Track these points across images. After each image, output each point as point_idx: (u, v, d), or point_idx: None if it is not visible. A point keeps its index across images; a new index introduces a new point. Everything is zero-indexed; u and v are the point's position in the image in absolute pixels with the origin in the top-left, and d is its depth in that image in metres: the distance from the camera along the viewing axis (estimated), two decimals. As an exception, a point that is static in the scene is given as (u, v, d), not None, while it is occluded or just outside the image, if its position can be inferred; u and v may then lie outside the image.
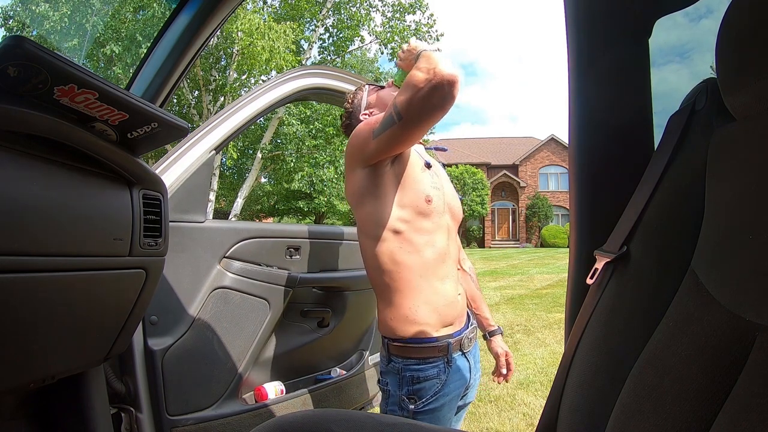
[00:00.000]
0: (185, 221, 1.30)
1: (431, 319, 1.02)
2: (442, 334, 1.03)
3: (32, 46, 0.64)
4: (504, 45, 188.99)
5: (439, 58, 0.91)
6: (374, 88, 1.25)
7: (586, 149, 0.72)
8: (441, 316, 1.03)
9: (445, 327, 1.03)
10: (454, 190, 1.19)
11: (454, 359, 1.03)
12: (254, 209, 16.21)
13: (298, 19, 11.81)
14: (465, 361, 1.08)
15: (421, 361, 1.02)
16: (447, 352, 1.02)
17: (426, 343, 1.01)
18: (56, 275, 0.78)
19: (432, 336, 1.02)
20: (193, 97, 11.13)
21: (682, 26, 0.75)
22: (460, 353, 1.06)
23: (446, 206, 1.11)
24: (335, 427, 0.61)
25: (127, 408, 1.19)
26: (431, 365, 1.01)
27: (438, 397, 1.01)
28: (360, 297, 1.72)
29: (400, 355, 1.03)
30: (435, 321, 1.02)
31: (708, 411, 0.39)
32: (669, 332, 0.47)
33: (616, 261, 0.57)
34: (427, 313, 1.01)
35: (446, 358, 1.02)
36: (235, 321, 1.38)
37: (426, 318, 1.01)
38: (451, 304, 1.05)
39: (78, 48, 9.14)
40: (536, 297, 6.47)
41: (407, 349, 1.02)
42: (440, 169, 1.19)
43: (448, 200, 1.12)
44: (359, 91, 1.25)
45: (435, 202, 1.05)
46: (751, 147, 0.46)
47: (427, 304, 1.01)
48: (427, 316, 1.01)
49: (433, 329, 1.02)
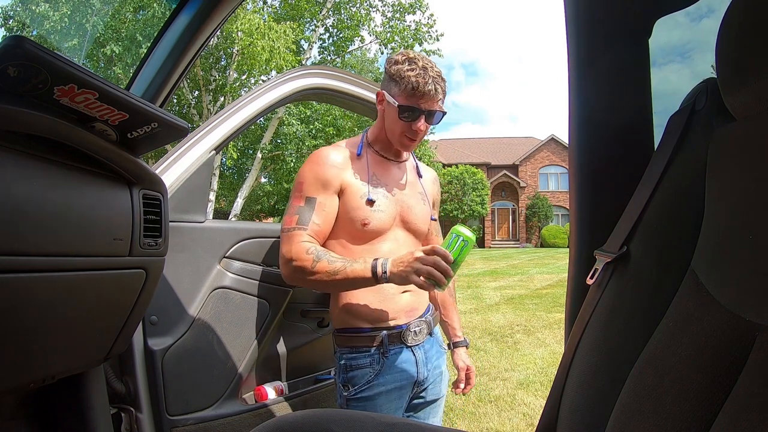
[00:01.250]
0: (185, 221, 1.30)
1: (364, 311, 1.08)
2: (376, 325, 1.08)
3: (32, 46, 0.64)
4: (504, 45, 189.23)
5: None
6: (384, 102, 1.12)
7: (586, 149, 0.72)
8: (374, 311, 1.08)
9: (381, 320, 1.08)
10: (425, 205, 1.19)
11: (390, 351, 1.07)
12: (254, 209, 16.21)
13: (298, 19, 11.81)
14: (410, 355, 1.10)
15: (353, 350, 1.08)
16: (381, 343, 1.07)
17: (358, 333, 1.08)
18: (56, 275, 0.78)
19: (363, 327, 1.08)
20: (193, 97, 11.13)
21: (684, 26, 0.75)
22: (401, 346, 1.09)
23: (396, 220, 1.12)
24: (335, 427, 0.61)
25: (127, 408, 1.19)
26: (363, 354, 1.07)
27: (371, 386, 1.06)
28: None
29: (337, 344, 1.12)
30: (368, 313, 1.08)
31: (708, 411, 0.39)
32: (669, 332, 0.47)
33: (616, 261, 0.57)
34: (360, 306, 1.08)
35: (381, 349, 1.07)
36: (235, 321, 1.38)
37: (359, 310, 1.08)
38: (388, 299, 1.09)
39: (78, 48, 9.14)
40: (536, 297, 6.47)
41: (341, 338, 1.11)
42: (414, 185, 1.19)
43: (404, 215, 1.13)
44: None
45: (374, 222, 1.07)
46: (751, 147, 0.46)
47: (361, 299, 1.08)
48: (360, 308, 1.08)
49: (365, 321, 1.08)
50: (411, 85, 1.02)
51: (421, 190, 1.20)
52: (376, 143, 1.16)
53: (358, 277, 0.97)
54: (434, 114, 1.07)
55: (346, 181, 1.08)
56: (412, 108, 1.04)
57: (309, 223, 1.03)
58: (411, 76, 1.02)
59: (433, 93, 1.03)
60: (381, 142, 1.16)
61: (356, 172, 1.10)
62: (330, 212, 1.06)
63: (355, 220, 1.06)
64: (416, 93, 1.02)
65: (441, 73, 1.06)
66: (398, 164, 1.18)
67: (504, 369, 3.25)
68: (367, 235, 1.08)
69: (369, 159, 1.13)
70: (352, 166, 1.10)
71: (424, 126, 1.06)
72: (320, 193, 1.06)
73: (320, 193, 1.06)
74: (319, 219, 1.04)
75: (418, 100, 1.03)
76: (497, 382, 2.97)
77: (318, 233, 1.05)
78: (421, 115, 1.05)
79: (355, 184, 1.08)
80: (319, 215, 1.04)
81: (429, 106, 1.05)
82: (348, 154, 1.11)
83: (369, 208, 1.06)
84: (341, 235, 1.09)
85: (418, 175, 1.23)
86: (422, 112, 1.05)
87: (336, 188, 1.07)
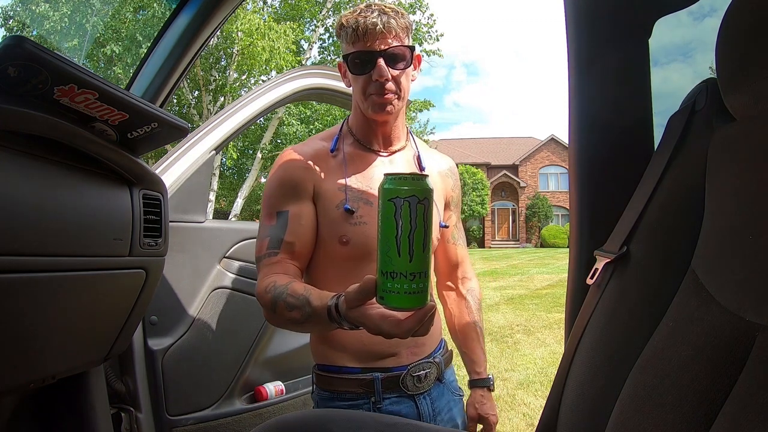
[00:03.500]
0: (185, 221, 1.30)
1: (351, 345, 0.83)
2: (367, 365, 0.83)
3: (32, 46, 0.64)
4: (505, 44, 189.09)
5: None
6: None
7: (586, 149, 0.72)
8: (365, 345, 0.82)
9: (374, 358, 0.83)
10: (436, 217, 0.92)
11: (386, 401, 0.83)
12: (254, 209, 16.19)
13: (298, 19, 11.81)
14: (411, 407, 0.85)
15: (335, 395, 0.83)
16: (373, 389, 0.82)
17: (342, 374, 0.83)
18: (56, 275, 0.78)
19: (349, 366, 0.83)
20: (193, 97, 11.13)
21: (686, 25, 0.74)
22: (397, 396, 0.84)
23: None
24: (335, 427, 0.61)
25: (127, 408, 1.19)
26: (348, 403, 0.82)
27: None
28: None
29: (317, 383, 0.87)
30: (356, 348, 0.83)
31: (708, 411, 0.39)
32: (669, 332, 0.47)
33: (616, 261, 0.57)
34: (346, 337, 0.82)
35: (373, 397, 0.82)
36: (235, 321, 1.37)
37: (344, 342, 0.83)
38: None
39: (78, 48, 9.14)
40: (536, 297, 6.46)
41: (320, 377, 0.86)
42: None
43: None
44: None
45: (355, 238, 0.83)
46: (751, 147, 0.46)
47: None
48: (346, 340, 0.83)
49: (353, 358, 0.83)
50: (352, 27, 0.80)
51: None
52: (356, 129, 0.91)
53: (317, 323, 0.68)
54: (395, 54, 0.80)
55: (319, 186, 0.84)
56: (362, 53, 0.80)
57: (281, 245, 0.81)
58: (349, 18, 0.81)
59: (382, 27, 0.79)
60: (360, 126, 0.90)
61: (329, 174, 0.85)
62: (307, 224, 0.83)
63: (332, 236, 0.83)
64: (360, 33, 0.79)
65: (396, 8, 0.83)
66: (387, 157, 0.91)
67: (504, 369, 3.25)
68: (348, 255, 0.83)
69: (345, 154, 0.88)
70: (323, 166, 0.86)
71: (386, 72, 0.80)
72: (290, 204, 0.83)
73: (290, 204, 0.83)
74: (293, 236, 0.81)
75: (366, 42, 0.80)
76: (497, 382, 2.97)
77: (295, 255, 0.82)
78: (375, 58, 0.80)
79: (328, 189, 0.84)
80: (293, 231, 0.81)
81: (384, 45, 0.80)
82: (319, 150, 0.88)
83: (347, 220, 0.82)
84: (320, 256, 0.85)
85: (420, 168, 0.94)
86: (376, 54, 0.80)
87: (309, 193, 0.84)
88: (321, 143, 0.90)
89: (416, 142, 0.97)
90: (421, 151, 0.96)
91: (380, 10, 0.81)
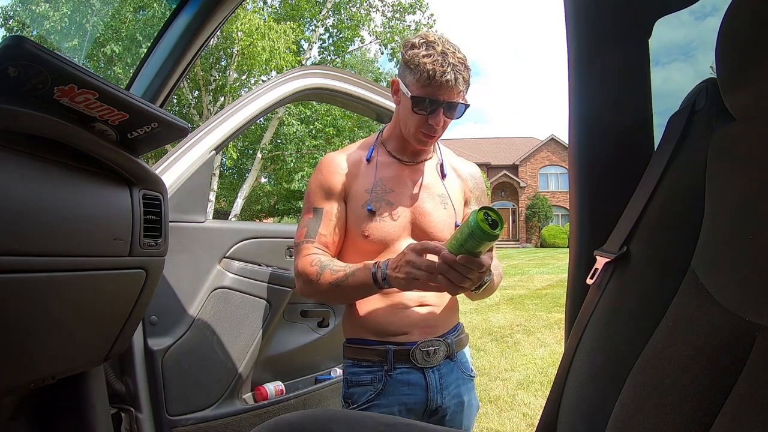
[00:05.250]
0: (185, 221, 1.30)
1: (373, 322, 0.99)
2: (383, 339, 0.98)
3: (32, 46, 0.64)
4: (505, 45, 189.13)
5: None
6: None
7: (586, 149, 0.72)
8: (383, 322, 0.98)
9: (389, 333, 0.98)
10: (446, 209, 1.04)
11: (396, 370, 0.96)
12: (254, 209, 16.20)
13: (298, 19, 11.81)
14: (420, 378, 0.97)
15: (356, 362, 1.00)
16: (386, 359, 0.96)
17: (364, 345, 1.00)
18: (56, 275, 0.78)
19: (370, 339, 0.99)
20: (193, 97, 11.13)
21: (687, 24, 0.74)
22: (410, 367, 0.97)
23: (407, 229, 1.01)
24: (335, 427, 0.61)
25: (127, 408, 1.19)
26: (366, 369, 0.98)
27: (371, 406, 0.96)
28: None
29: (345, 354, 1.04)
30: (376, 325, 0.98)
31: (708, 411, 0.39)
32: (669, 332, 0.47)
33: (616, 261, 0.57)
34: (369, 316, 0.99)
35: (386, 366, 0.96)
36: (235, 321, 1.38)
37: (368, 321, 0.99)
38: (400, 311, 0.98)
39: (78, 48, 9.14)
40: (536, 297, 6.47)
41: (347, 348, 1.04)
42: (433, 188, 1.05)
43: (419, 222, 1.01)
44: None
45: (375, 234, 0.98)
46: (751, 147, 0.46)
47: (372, 308, 0.99)
48: (369, 319, 0.99)
49: (373, 333, 0.99)
50: (427, 73, 0.89)
51: (442, 192, 1.05)
52: (390, 141, 1.06)
53: (361, 284, 0.88)
54: (455, 107, 0.94)
55: (350, 188, 1.01)
56: (429, 100, 0.91)
57: (316, 235, 0.98)
58: (427, 63, 0.89)
59: (453, 83, 0.90)
60: (395, 140, 1.05)
61: (361, 178, 1.02)
62: (337, 221, 1.00)
63: (356, 231, 0.99)
64: (433, 83, 0.89)
65: (464, 60, 0.92)
66: (413, 166, 1.06)
67: (504, 369, 3.25)
68: (370, 247, 0.99)
69: (378, 162, 1.04)
70: (358, 172, 1.02)
71: (442, 120, 0.94)
72: (325, 203, 1.00)
73: (325, 203, 1.00)
74: (326, 230, 0.99)
75: (435, 90, 0.90)
76: (497, 382, 2.97)
77: (326, 244, 0.99)
78: (438, 107, 0.92)
79: (357, 191, 1.01)
80: (326, 225, 0.99)
81: (448, 98, 0.92)
82: (356, 158, 1.04)
83: (369, 218, 0.99)
84: (349, 247, 1.03)
85: (442, 174, 1.08)
86: (440, 104, 0.92)
87: (341, 195, 1.01)
88: (359, 152, 1.06)
89: (442, 151, 1.12)
90: (444, 158, 1.11)
91: (455, 63, 0.90)
